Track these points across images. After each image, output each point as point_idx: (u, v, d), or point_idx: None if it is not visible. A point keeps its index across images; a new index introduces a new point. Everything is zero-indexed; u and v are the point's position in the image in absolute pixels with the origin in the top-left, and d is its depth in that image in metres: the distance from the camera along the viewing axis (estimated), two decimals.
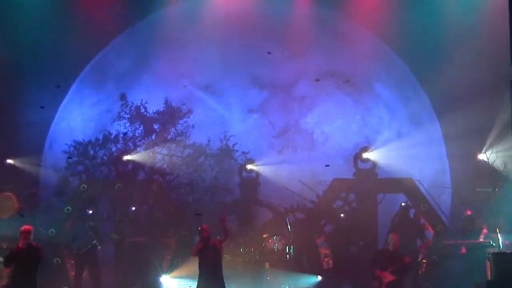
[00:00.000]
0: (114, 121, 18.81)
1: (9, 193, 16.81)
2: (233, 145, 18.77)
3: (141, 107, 18.73)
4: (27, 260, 14.06)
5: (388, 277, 14.31)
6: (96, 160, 18.52)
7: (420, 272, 16.80)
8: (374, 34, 19.32)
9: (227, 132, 18.94)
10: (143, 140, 18.64)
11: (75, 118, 19.40)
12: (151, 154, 18.46)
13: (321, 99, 20.14)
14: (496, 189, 16.62)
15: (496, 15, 17.16)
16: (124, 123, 18.74)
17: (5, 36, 17.96)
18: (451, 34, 18.11)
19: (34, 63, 18.26)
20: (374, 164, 17.70)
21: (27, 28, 18.07)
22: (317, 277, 17.01)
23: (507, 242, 16.34)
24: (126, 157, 17.93)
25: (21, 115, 18.30)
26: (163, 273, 16.60)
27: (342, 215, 17.50)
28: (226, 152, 18.76)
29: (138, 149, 18.53)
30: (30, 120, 18.31)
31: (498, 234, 16.35)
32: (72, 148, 18.59)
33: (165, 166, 18.57)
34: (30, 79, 18.35)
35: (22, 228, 14.16)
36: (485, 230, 16.92)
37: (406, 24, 18.47)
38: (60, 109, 19.21)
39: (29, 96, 18.34)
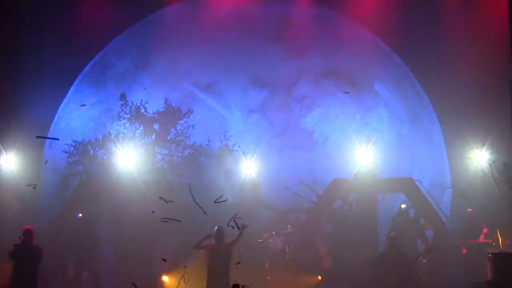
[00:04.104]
0: (114, 121, 18.82)
1: None
2: (233, 145, 18.78)
3: (141, 107, 18.73)
4: (27, 260, 14.11)
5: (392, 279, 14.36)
6: (96, 160, 18.52)
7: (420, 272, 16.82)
8: (374, 34, 19.32)
9: (227, 132, 18.94)
10: (143, 140, 18.64)
11: (75, 116, 19.40)
12: (151, 154, 18.47)
13: (321, 99, 20.14)
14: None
15: (497, 14, 17.20)
16: (124, 123, 18.74)
17: (5, 35, 17.96)
18: (451, 33, 18.12)
19: (34, 62, 18.25)
20: (374, 164, 17.70)
21: (27, 28, 18.05)
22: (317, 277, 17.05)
23: (507, 241, 16.39)
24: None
25: (21, 115, 18.27)
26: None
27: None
28: (226, 152, 18.76)
29: (138, 149, 18.52)
30: (30, 120, 18.29)
31: (498, 233, 16.39)
32: (72, 148, 18.59)
33: (165, 166, 18.58)
34: (30, 78, 18.34)
35: (24, 228, 14.24)
36: (485, 230, 16.94)
37: (406, 23, 18.47)
38: (60, 109, 19.19)
39: (29, 95, 18.32)
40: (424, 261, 16.97)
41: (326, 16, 19.30)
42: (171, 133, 18.79)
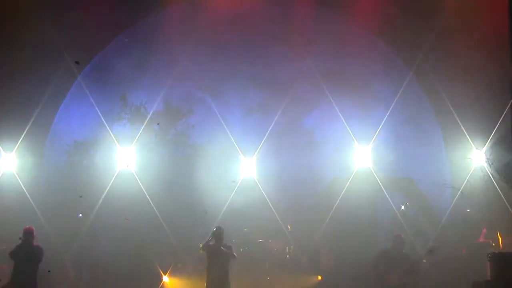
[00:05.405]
0: (114, 122, 18.82)
1: None
2: (233, 145, 18.77)
3: (141, 107, 18.73)
4: (27, 260, 14.13)
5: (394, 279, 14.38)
6: (96, 160, 18.53)
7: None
8: (374, 34, 19.31)
9: (227, 132, 18.94)
10: (143, 140, 18.64)
11: (76, 116, 19.41)
12: (151, 154, 18.47)
13: (321, 99, 20.11)
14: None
15: (497, 15, 17.19)
16: (124, 123, 18.74)
17: (5, 35, 17.95)
18: (451, 34, 18.13)
19: (34, 62, 18.24)
20: (374, 164, 17.73)
21: (27, 27, 18.04)
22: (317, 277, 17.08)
23: (507, 241, 16.41)
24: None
25: (21, 115, 18.28)
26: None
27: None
28: (226, 152, 18.77)
29: (138, 149, 18.53)
30: (30, 120, 18.30)
31: (498, 233, 16.42)
32: (72, 148, 18.60)
33: (165, 166, 18.57)
34: (30, 78, 18.33)
35: (25, 228, 14.27)
36: (484, 230, 16.96)
37: (406, 24, 18.48)
38: (60, 109, 19.19)
39: (29, 95, 18.32)
40: (424, 261, 17.01)
41: (327, 16, 19.28)
42: (171, 133, 18.79)
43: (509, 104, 17.63)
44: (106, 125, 19.01)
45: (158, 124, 18.43)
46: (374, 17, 18.64)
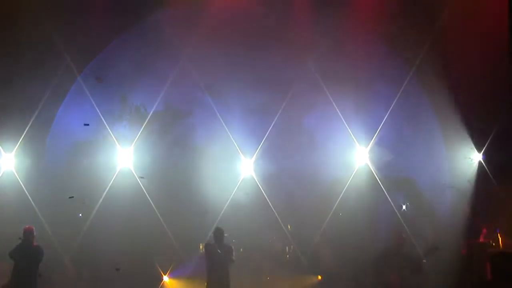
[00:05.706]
0: (114, 122, 18.83)
1: None
2: (233, 145, 18.78)
3: (141, 107, 18.74)
4: (27, 260, 14.14)
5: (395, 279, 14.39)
6: (96, 160, 18.53)
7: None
8: (374, 33, 19.31)
9: (227, 132, 18.95)
10: (143, 141, 18.65)
11: (76, 118, 19.41)
12: (151, 154, 18.48)
13: (321, 99, 20.11)
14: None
15: (497, 15, 17.20)
16: (124, 124, 18.75)
17: (5, 35, 17.96)
18: (451, 33, 18.13)
19: (34, 62, 18.24)
20: (374, 164, 17.71)
21: (27, 28, 18.05)
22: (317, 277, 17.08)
23: (507, 241, 16.42)
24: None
25: (21, 115, 18.28)
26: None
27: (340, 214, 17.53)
28: (226, 152, 18.78)
29: (138, 149, 18.54)
30: (30, 120, 18.30)
31: (499, 233, 16.41)
32: (72, 148, 18.60)
33: (165, 166, 18.59)
34: (30, 79, 18.33)
35: (25, 228, 14.28)
36: (485, 230, 16.96)
37: (407, 23, 18.48)
38: (60, 109, 19.19)
39: (29, 96, 18.32)
40: (424, 261, 17.00)
41: (327, 15, 19.27)
42: (171, 133, 18.79)
43: (509, 104, 17.64)
44: (106, 125, 19.03)
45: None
46: (375, 17, 18.63)
